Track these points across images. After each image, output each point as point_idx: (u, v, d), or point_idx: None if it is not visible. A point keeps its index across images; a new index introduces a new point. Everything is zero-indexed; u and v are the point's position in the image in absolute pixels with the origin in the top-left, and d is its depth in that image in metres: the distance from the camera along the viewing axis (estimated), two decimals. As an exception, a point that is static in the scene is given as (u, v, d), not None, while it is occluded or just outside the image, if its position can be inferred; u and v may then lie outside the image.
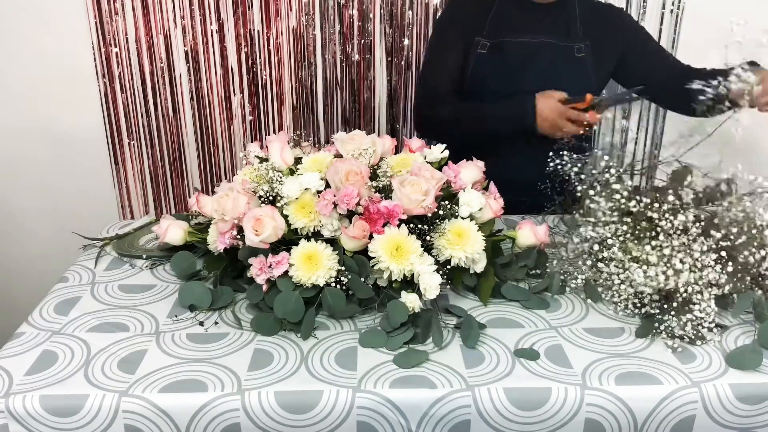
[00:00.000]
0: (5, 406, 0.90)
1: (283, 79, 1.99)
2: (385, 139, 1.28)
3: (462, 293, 1.18)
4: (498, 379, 0.94)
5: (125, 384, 0.92)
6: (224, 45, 1.94)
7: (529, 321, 1.10)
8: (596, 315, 1.12)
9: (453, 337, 1.05)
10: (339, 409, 0.91)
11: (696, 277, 1.03)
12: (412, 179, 1.11)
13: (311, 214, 1.10)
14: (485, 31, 1.58)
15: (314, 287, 1.06)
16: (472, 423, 0.92)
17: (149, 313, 1.11)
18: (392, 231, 1.07)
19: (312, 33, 1.94)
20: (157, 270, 1.27)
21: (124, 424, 0.90)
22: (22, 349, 1.01)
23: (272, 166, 1.20)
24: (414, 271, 1.06)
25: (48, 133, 2.03)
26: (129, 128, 2.03)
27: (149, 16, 1.89)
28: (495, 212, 1.20)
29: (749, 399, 0.93)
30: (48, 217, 2.13)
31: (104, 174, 2.08)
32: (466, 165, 1.25)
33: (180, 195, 2.13)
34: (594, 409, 0.92)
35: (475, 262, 1.13)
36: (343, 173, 1.11)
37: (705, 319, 1.01)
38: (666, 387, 0.93)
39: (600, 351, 1.01)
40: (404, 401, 0.92)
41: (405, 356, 0.99)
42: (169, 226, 1.25)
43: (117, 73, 1.95)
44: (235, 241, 1.12)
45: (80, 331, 1.05)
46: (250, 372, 0.96)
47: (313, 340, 1.04)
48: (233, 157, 2.09)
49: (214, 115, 2.03)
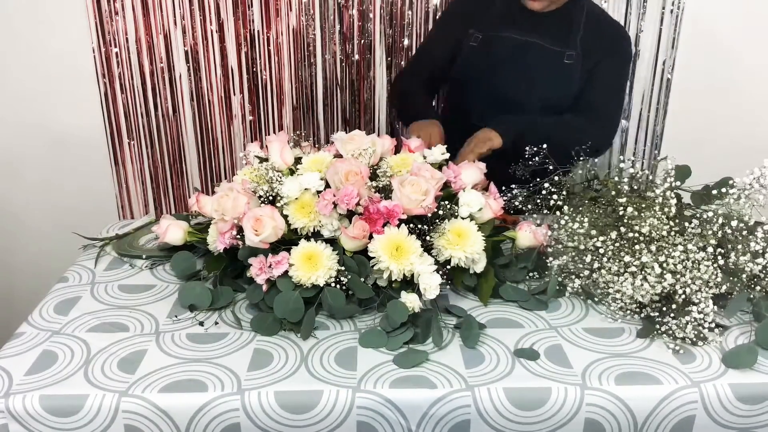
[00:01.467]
0: (5, 406, 0.90)
1: (283, 79, 1.99)
2: (385, 139, 1.28)
3: (462, 293, 1.18)
4: (498, 379, 0.94)
5: (125, 384, 0.92)
6: (224, 45, 1.93)
7: (529, 321, 1.10)
8: (596, 315, 1.12)
9: (453, 337, 1.05)
10: (339, 409, 0.91)
11: (692, 277, 1.03)
12: (412, 179, 1.11)
13: (311, 214, 1.10)
14: (482, 25, 1.60)
15: (314, 287, 1.06)
16: (471, 423, 0.92)
17: (149, 313, 1.11)
18: (392, 231, 1.07)
19: (312, 33, 1.94)
20: (157, 270, 1.27)
21: (123, 424, 0.90)
22: (22, 349, 1.01)
23: (272, 166, 1.20)
24: (414, 271, 1.06)
25: (48, 133, 2.03)
26: (129, 128, 2.02)
27: (149, 16, 1.89)
28: (495, 212, 1.20)
29: (749, 399, 0.93)
30: (48, 217, 2.13)
31: (104, 174, 2.08)
32: (467, 166, 1.25)
33: (180, 195, 2.13)
34: (594, 409, 0.92)
35: (474, 262, 1.13)
36: (343, 173, 1.11)
37: (704, 320, 1.01)
38: (666, 387, 0.93)
39: (600, 351, 1.01)
40: (404, 401, 0.92)
41: (405, 356, 0.99)
42: (169, 226, 1.25)
43: (117, 73, 1.95)
44: (235, 241, 1.13)
45: (80, 331, 1.05)
46: (249, 372, 0.96)
47: (313, 340, 1.04)
48: (233, 157, 2.08)
49: (214, 115, 2.02)
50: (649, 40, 1.95)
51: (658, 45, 1.95)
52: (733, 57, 1.99)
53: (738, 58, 1.99)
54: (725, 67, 1.99)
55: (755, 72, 2.00)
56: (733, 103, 2.03)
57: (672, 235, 1.06)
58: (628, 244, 1.07)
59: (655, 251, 1.04)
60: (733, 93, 2.02)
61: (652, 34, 1.95)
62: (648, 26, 1.93)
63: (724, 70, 1.99)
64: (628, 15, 1.92)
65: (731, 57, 1.99)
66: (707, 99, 2.02)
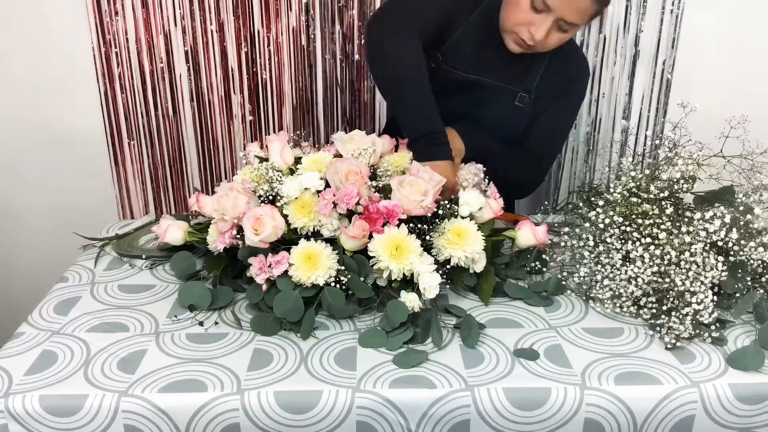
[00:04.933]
0: (5, 406, 0.90)
1: (283, 79, 1.99)
2: (385, 139, 1.28)
3: (462, 293, 1.18)
4: (497, 379, 0.94)
5: (125, 384, 0.92)
6: (224, 45, 1.93)
7: (529, 321, 1.10)
8: (596, 315, 1.12)
9: (452, 337, 1.05)
10: (338, 409, 0.91)
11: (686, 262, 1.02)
12: (411, 180, 1.11)
13: (311, 214, 1.10)
14: (443, 46, 1.41)
15: (314, 287, 1.06)
16: (471, 423, 0.92)
17: (149, 313, 1.11)
18: (392, 231, 1.07)
19: (312, 33, 1.94)
20: (156, 270, 1.27)
21: (123, 424, 0.90)
22: (21, 349, 1.01)
23: (272, 165, 1.20)
24: (414, 271, 1.06)
25: (48, 133, 2.03)
26: (129, 128, 2.02)
27: (149, 16, 1.89)
28: (495, 212, 1.20)
29: (748, 399, 0.93)
30: (48, 217, 2.13)
31: (104, 174, 2.08)
32: (466, 166, 1.25)
33: (180, 195, 2.13)
34: (593, 409, 0.92)
35: (474, 261, 1.13)
36: (343, 173, 1.11)
37: (702, 313, 1.01)
38: (665, 387, 0.93)
39: (599, 351, 1.01)
40: (404, 401, 0.92)
41: (404, 356, 0.99)
42: (169, 226, 1.25)
43: (117, 73, 1.95)
44: (234, 240, 1.12)
45: (80, 331, 1.05)
46: (249, 372, 0.96)
47: (313, 340, 1.04)
48: (233, 157, 2.08)
49: (214, 115, 2.02)
50: (649, 40, 1.95)
51: (658, 45, 1.95)
52: (733, 57, 1.99)
53: (738, 58, 1.99)
54: (725, 67, 1.99)
55: (755, 72, 2.00)
56: (733, 103, 2.02)
57: (674, 227, 1.06)
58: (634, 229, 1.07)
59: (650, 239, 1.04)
60: (734, 93, 2.02)
61: (652, 34, 1.95)
62: (648, 26, 1.93)
63: (724, 70, 1.99)
64: (628, 15, 1.92)
65: (731, 57, 1.99)
66: (707, 99, 2.02)
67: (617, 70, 1.98)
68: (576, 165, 2.10)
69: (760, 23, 1.95)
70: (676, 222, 1.06)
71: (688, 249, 1.02)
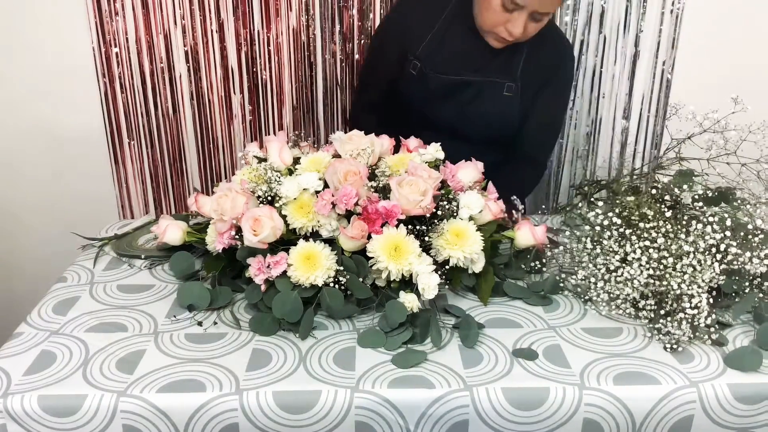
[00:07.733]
0: (3, 407, 0.90)
1: (283, 79, 1.99)
2: (384, 139, 1.28)
3: (461, 293, 1.18)
4: (496, 379, 0.94)
5: (123, 384, 0.92)
6: (224, 45, 1.93)
7: (528, 321, 1.10)
8: (594, 315, 1.12)
9: (451, 337, 1.05)
10: (337, 409, 0.91)
11: (682, 265, 1.02)
12: (410, 179, 1.11)
13: (310, 214, 1.10)
14: (418, 51, 1.47)
15: (313, 287, 1.06)
16: (470, 423, 0.92)
17: (148, 313, 1.11)
18: (391, 231, 1.07)
19: (312, 33, 1.94)
20: (155, 270, 1.27)
21: (122, 424, 0.90)
22: (20, 349, 1.01)
23: (271, 166, 1.20)
24: (412, 271, 1.06)
25: (48, 133, 2.03)
26: (129, 128, 2.02)
27: (149, 16, 1.89)
28: (495, 214, 1.20)
29: (747, 399, 0.93)
30: (47, 217, 2.13)
31: (104, 174, 2.08)
32: (464, 165, 1.25)
33: (180, 195, 2.13)
34: (592, 409, 0.92)
35: (473, 262, 1.13)
36: (342, 173, 1.11)
37: (699, 317, 1.01)
38: (664, 387, 0.93)
39: (598, 351, 1.01)
40: (402, 401, 0.92)
41: (403, 356, 0.99)
42: (168, 227, 1.25)
43: (117, 73, 1.95)
44: (233, 241, 1.12)
45: (79, 331, 1.05)
46: (248, 372, 0.96)
47: (312, 340, 1.04)
48: (233, 157, 2.08)
49: (214, 115, 2.02)
50: (649, 40, 1.95)
51: (658, 45, 1.95)
52: (733, 57, 1.98)
53: (738, 58, 1.98)
54: (725, 68, 1.99)
55: (755, 72, 2.00)
56: (733, 103, 2.02)
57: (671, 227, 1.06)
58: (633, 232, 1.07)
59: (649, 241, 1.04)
60: (733, 93, 2.01)
61: (652, 34, 1.94)
62: (648, 26, 1.93)
63: (724, 70, 1.99)
64: (628, 15, 1.92)
65: (731, 57, 1.98)
66: (707, 99, 2.02)
67: (617, 70, 1.98)
68: (576, 165, 2.10)
69: (760, 23, 1.95)
70: (675, 226, 1.06)
71: (686, 255, 1.02)
